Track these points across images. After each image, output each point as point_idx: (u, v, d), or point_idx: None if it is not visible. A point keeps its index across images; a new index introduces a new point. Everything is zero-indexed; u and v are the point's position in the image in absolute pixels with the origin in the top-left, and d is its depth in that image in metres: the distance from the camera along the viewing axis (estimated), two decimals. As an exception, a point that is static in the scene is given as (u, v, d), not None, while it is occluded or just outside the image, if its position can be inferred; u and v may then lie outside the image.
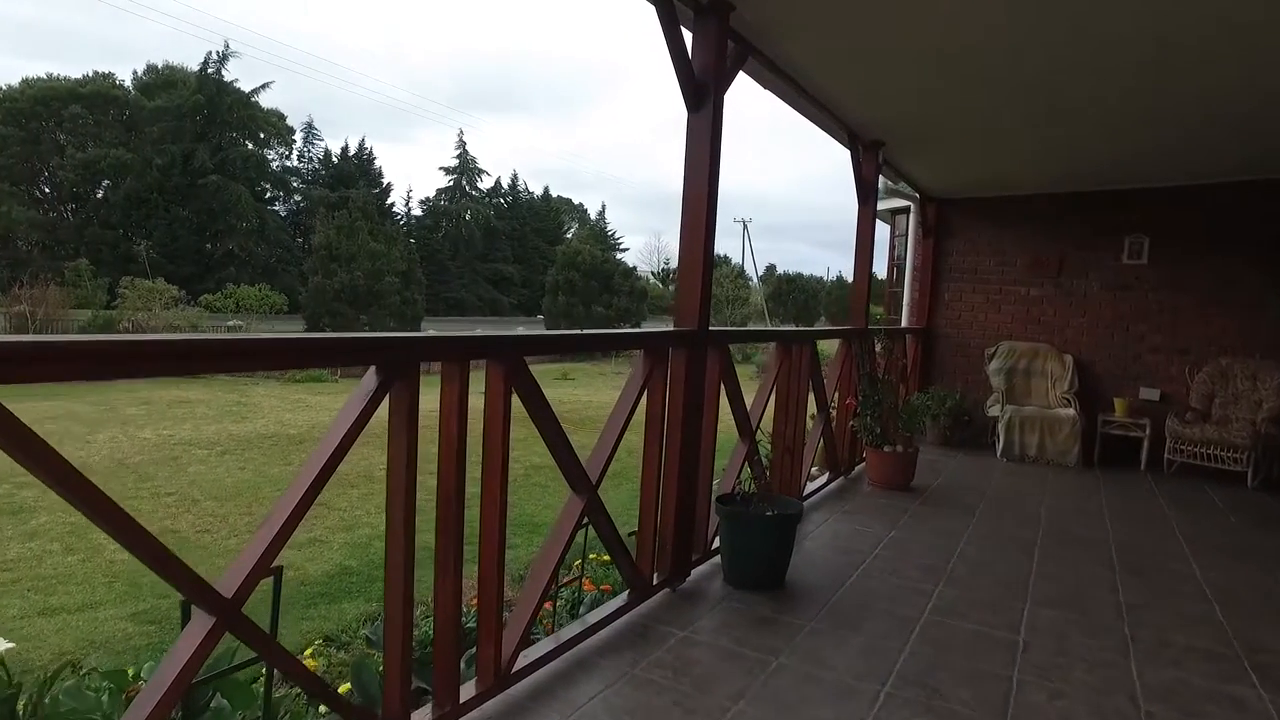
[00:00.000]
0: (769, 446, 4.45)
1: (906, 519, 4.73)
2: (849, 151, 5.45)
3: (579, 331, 2.49)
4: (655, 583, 3.20)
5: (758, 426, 4.01)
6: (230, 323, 24.25)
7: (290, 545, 6.59)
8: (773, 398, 4.34)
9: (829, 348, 5.74)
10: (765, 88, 4.56)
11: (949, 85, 4.42)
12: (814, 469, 5.36)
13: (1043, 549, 4.26)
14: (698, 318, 3.17)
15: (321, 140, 52.95)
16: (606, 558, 5.20)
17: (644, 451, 3.09)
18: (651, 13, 3.05)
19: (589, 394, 17.90)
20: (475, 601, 2.53)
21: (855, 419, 5.54)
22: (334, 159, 51.07)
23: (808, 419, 4.92)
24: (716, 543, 3.62)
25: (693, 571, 3.50)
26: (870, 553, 4.03)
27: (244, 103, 44.43)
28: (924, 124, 5.28)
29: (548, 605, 3.52)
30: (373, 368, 1.88)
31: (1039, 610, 3.34)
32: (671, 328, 3.19)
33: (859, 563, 3.86)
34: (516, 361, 2.24)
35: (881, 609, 3.28)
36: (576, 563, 5.22)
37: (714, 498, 3.58)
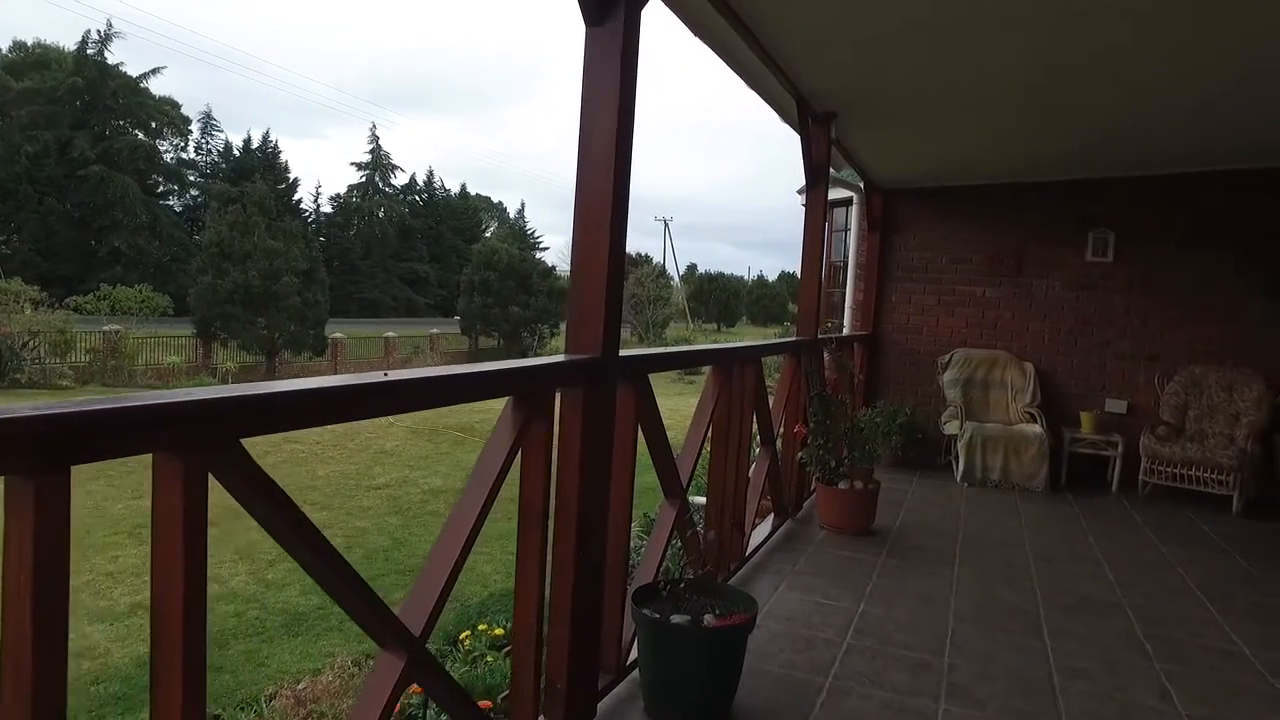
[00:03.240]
0: (703, 487, 3.43)
1: (876, 581, 3.76)
2: (798, 133, 4.48)
3: (378, 378, 1.37)
4: (540, 743, 2.09)
5: (690, 480, 2.97)
6: (106, 327, 21.81)
7: (103, 618, 5.22)
8: (709, 433, 3.30)
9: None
10: (697, 35, 3.54)
11: (918, 44, 3.49)
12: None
13: (1050, 622, 3.35)
14: (601, 339, 2.08)
15: (221, 132, 49.70)
16: (500, 631, 4.08)
17: (519, 550, 1.99)
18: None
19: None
20: None
21: (804, 449, 4.57)
22: (235, 152, 47.91)
23: (751, 455, 3.92)
24: (635, 652, 2.55)
25: (601, 703, 2.41)
26: (840, 644, 3.03)
27: (131, 88, 41.05)
28: (884, 93, 4.34)
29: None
30: None
31: (1084, 743, 2.40)
32: (562, 356, 2.09)
33: (828, 664, 2.85)
34: (216, 456, 1.11)
35: (871, 756, 2.26)
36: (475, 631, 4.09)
37: (631, 592, 2.51)
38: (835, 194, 7.61)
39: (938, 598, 3.58)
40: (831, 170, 6.29)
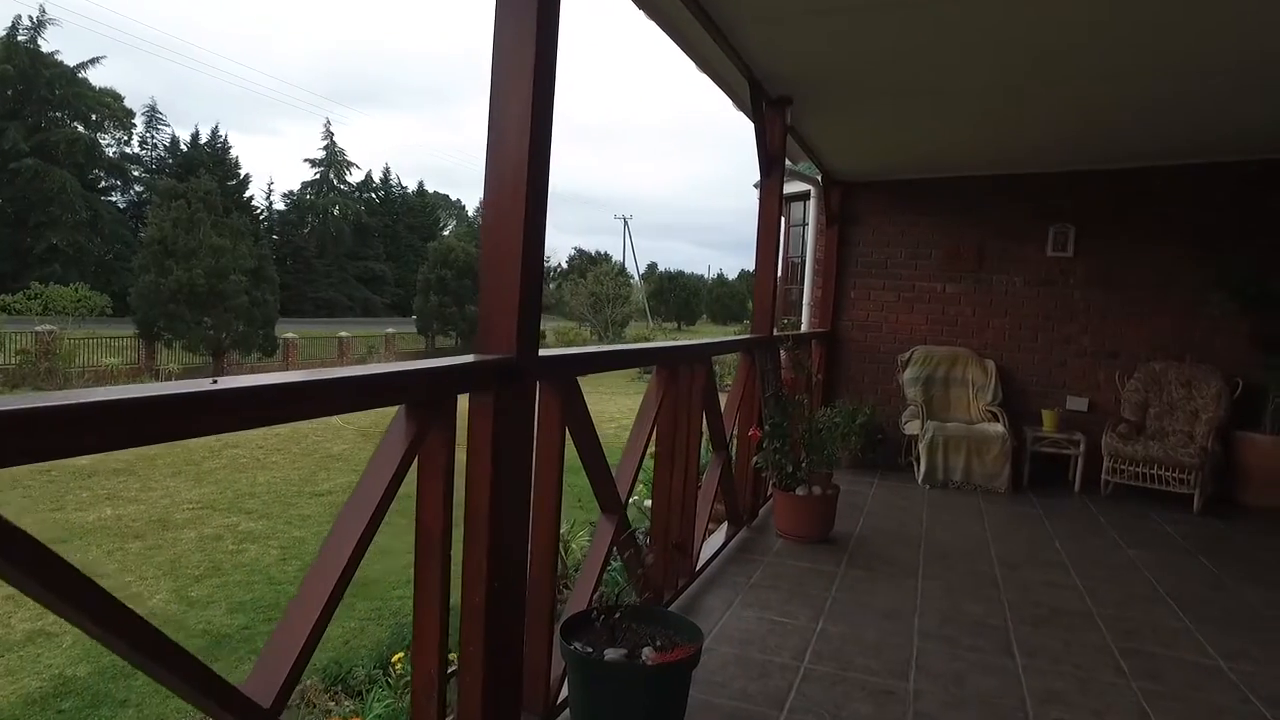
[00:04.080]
0: (648, 496, 3.15)
1: (835, 595, 3.52)
2: (751, 121, 4.23)
3: (203, 386, 1.06)
4: (448, 809, 1.79)
5: (631, 493, 2.68)
6: (39, 328, 20.79)
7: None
8: (654, 437, 3.03)
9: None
10: (642, 9, 3.28)
11: (879, 22, 3.26)
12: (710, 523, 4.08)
13: (1020, 638, 3.13)
14: (515, 337, 1.79)
15: (167, 126, 48.19)
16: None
17: (416, 583, 1.68)
18: None
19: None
20: None
21: (760, 453, 4.32)
22: (183, 147, 46.35)
23: (701, 460, 3.65)
24: (565, 691, 2.26)
25: (525, 751, 2.12)
26: (797, 669, 2.77)
27: (69, 78, 39.40)
28: (843, 76, 4.10)
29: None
30: None
31: (1062, 781, 2.17)
32: (469, 356, 1.79)
33: (783, 694, 2.59)
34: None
35: (830, 806, 2.00)
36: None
37: (560, 623, 2.22)
38: (793, 187, 7.41)
39: (901, 613, 3.35)
40: (789, 163, 6.08)
